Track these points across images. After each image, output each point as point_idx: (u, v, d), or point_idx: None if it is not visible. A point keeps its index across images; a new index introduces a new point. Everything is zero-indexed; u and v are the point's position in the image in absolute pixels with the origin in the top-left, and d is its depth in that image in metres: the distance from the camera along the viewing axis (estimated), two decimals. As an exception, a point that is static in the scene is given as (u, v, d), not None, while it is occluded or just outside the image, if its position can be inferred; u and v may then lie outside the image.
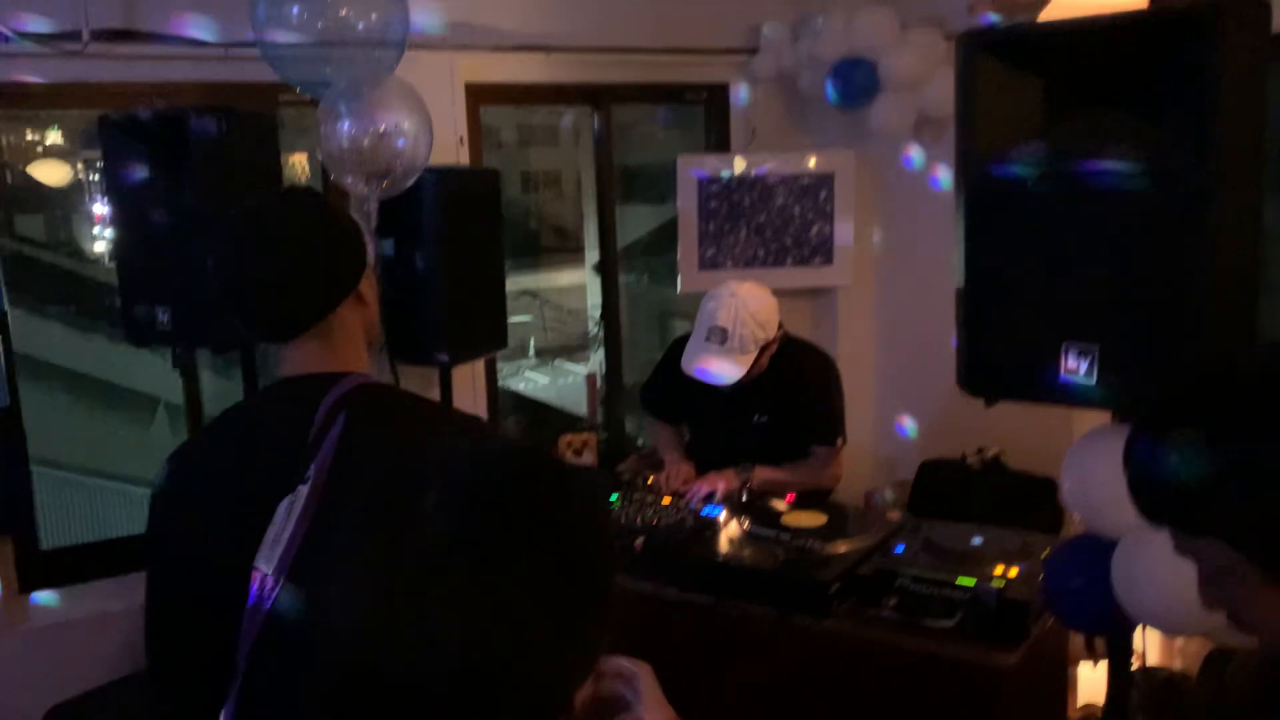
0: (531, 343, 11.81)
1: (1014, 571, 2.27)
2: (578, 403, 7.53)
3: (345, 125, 2.72)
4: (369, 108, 2.71)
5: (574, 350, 11.67)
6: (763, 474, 2.90)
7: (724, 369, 2.81)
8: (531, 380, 11.73)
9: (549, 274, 12.34)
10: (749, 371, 2.84)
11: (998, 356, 1.92)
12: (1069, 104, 1.80)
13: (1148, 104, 1.69)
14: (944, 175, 3.77)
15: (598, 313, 4.72)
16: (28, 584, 3.15)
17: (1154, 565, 1.75)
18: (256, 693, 1.27)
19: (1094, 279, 1.78)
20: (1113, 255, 1.75)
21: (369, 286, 1.56)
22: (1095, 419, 2.05)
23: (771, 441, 2.99)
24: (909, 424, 4.26)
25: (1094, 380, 1.77)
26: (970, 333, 1.94)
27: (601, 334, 4.69)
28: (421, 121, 2.80)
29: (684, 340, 3.21)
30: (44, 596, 3.17)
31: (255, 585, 1.27)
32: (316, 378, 1.45)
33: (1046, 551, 2.34)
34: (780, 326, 2.94)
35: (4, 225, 7.90)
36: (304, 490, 1.28)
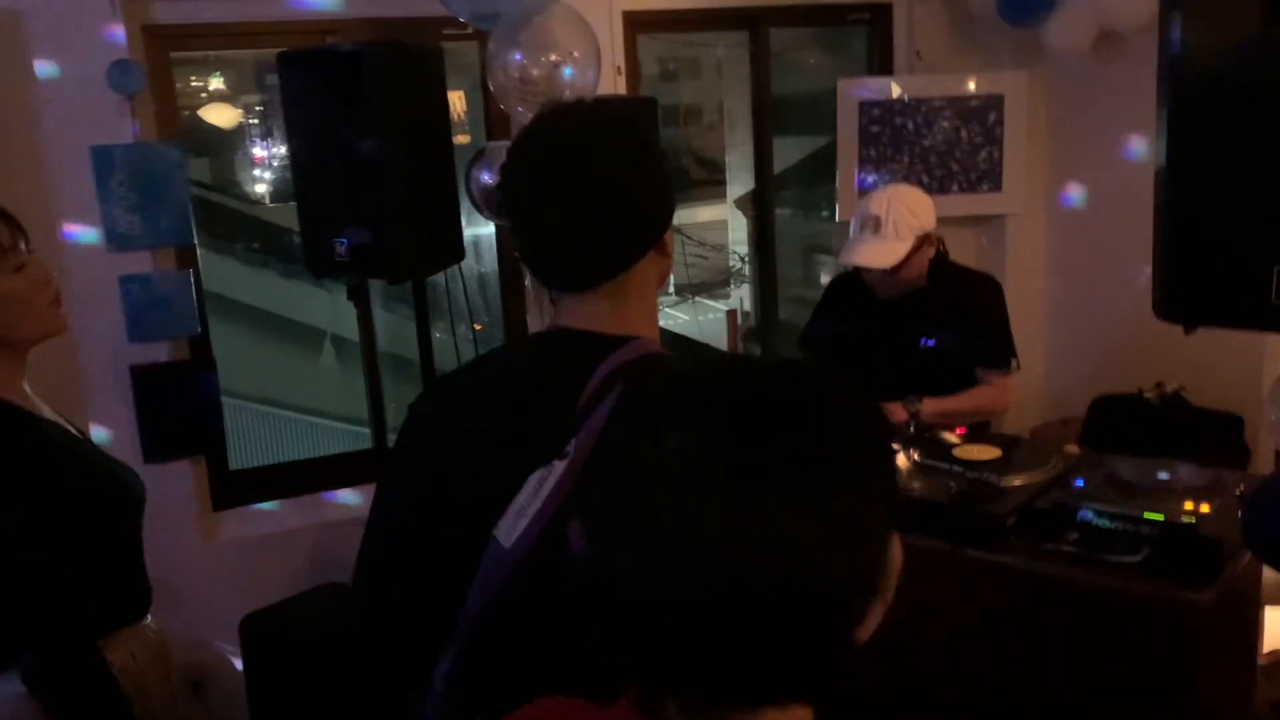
0: (671, 279, 11.80)
1: (1205, 507, 2.15)
2: (719, 341, 7.53)
3: (516, 55, 2.73)
4: (539, 37, 2.72)
5: (714, 287, 11.64)
6: (931, 405, 2.81)
7: (879, 255, 2.79)
8: (673, 316, 11.77)
9: (690, 209, 12.29)
10: (910, 280, 2.84)
11: (1200, 280, 1.81)
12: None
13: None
14: (1130, 93, 3.55)
15: (740, 248, 4.66)
16: (220, 502, 3.36)
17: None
18: (485, 662, 1.18)
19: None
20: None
21: (670, 234, 1.35)
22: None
23: (939, 367, 2.90)
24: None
25: (1313, 304, 1.65)
26: (1170, 254, 1.83)
27: (744, 270, 4.64)
28: (590, 50, 2.80)
29: (842, 278, 3.16)
30: (234, 514, 3.38)
31: (490, 553, 1.17)
32: (597, 338, 1.25)
33: (1242, 487, 2.22)
34: (941, 242, 2.92)
35: (179, 168, 8.32)
36: (559, 467, 1.14)
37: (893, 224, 2.78)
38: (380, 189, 2.64)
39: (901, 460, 2.53)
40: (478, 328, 3.63)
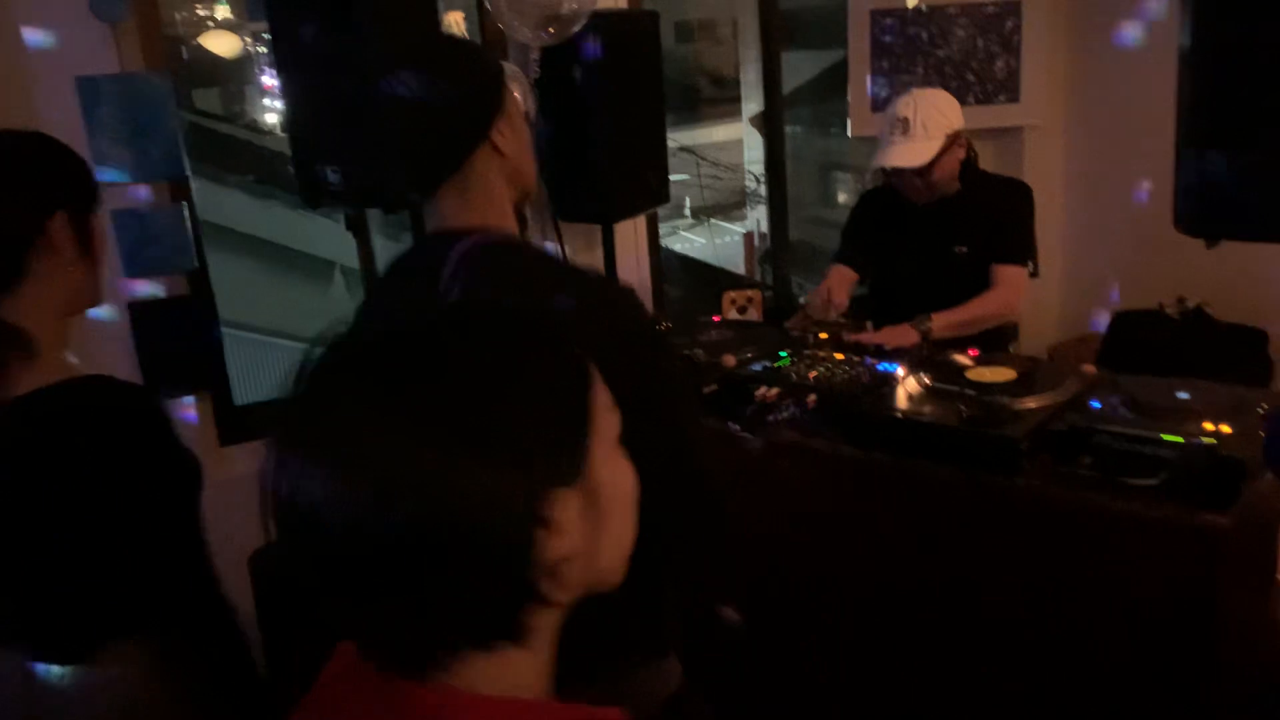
0: (687, 201, 11.65)
1: (1226, 428, 2.09)
2: (735, 263, 7.42)
3: (513, -33, 2.62)
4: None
5: (730, 209, 11.46)
6: (941, 319, 2.79)
7: (911, 155, 2.80)
8: (688, 240, 11.63)
9: (704, 129, 12.05)
10: (943, 182, 2.86)
11: (1223, 190, 1.71)
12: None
13: None
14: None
15: (755, 169, 4.57)
16: (226, 438, 3.34)
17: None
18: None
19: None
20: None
21: (508, 135, 1.51)
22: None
23: (972, 274, 2.87)
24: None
25: (1342, 214, 1.56)
26: (1192, 163, 1.73)
27: (760, 190, 4.54)
28: (591, -40, 2.68)
29: (873, 192, 3.13)
30: (240, 449, 3.36)
31: None
32: (447, 235, 1.45)
33: (1265, 407, 2.16)
34: (970, 147, 2.92)
35: (183, 99, 8.20)
36: None
37: (921, 124, 2.80)
38: (370, 116, 2.55)
39: (912, 384, 2.47)
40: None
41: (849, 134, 4.04)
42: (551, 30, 2.74)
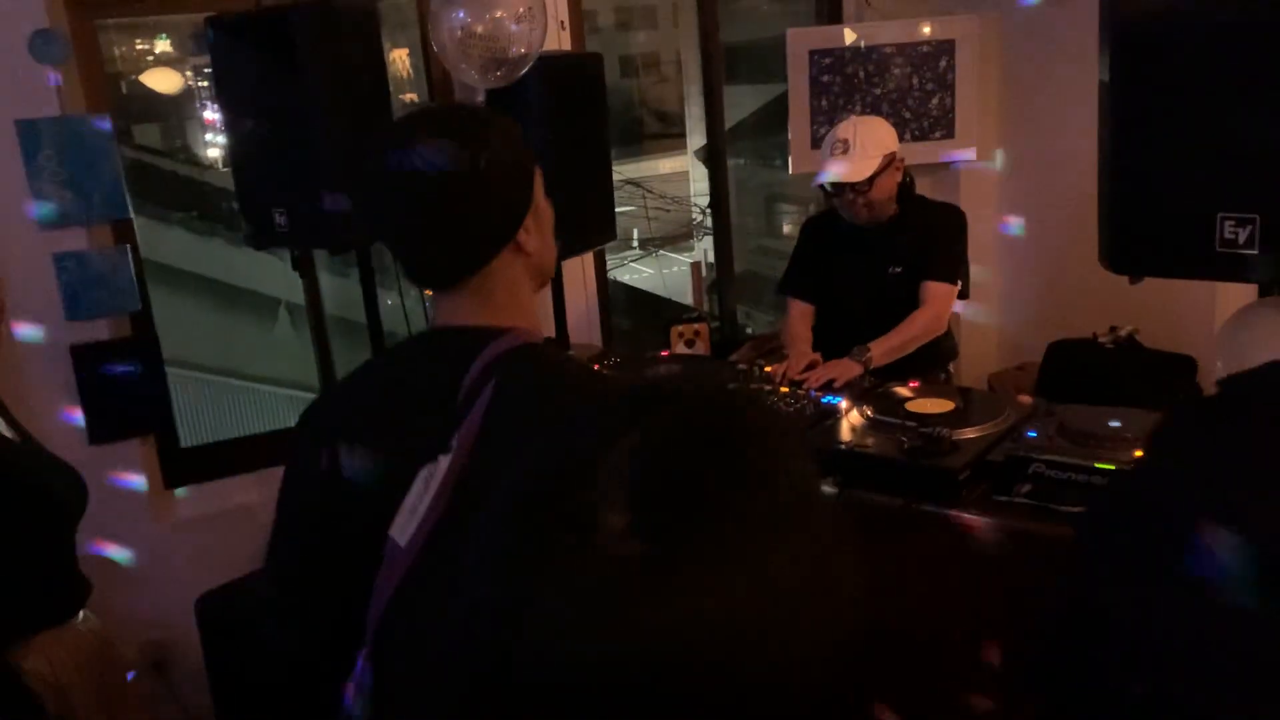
0: (635, 233, 11.74)
1: (1156, 455, 2.16)
2: (684, 293, 7.49)
3: (459, 13, 2.65)
4: (482, -8, 2.64)
5: (678, 239, 11.56)
6: (879, 347, 2.88)
7: (851, 171, 2.93)
8: (636, 271, 11.70)
9: (650, 161, 12.17)
10: (882, 203, 2.98)
11: (1144, 229, 1.79)
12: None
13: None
14: (1081, 36, 3.51)
15: (702, 200, 4.63)
16: (171, 480, 3.30)
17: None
18: (387, 666, 1.16)
19: (1254, 141, 1.63)
20: (1276, 113, 1.60)
21: (533, 229, 1.35)
22: (1240, 294, 1.91)
23: (906, 294, 2.98)
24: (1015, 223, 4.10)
25: (1255, 251, 1.64)
26: (1114, 203, 1.81)
27: (707, 221, 4.61)
28: (535, 5, 2.72)
29: (816, 218, 3.24)
30: (187, 492, 3.32)
31: (387, 554, 1.15)
32: (471, 331, 1.29)
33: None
34: (907, 173, 3.06)
35: (123, 135, 8.11)
36: (444, 462, 1.14)
37: (860, 144, 2.94)
38: (317, 156, 2.57)
39: (855, 416, 2.52)
40: (429, 293, 3.57)
41: (790, 171, 4.12)
42: (499, 73, 2.77)
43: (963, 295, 3.05)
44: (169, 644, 3.17)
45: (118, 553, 3.12)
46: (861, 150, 2.93)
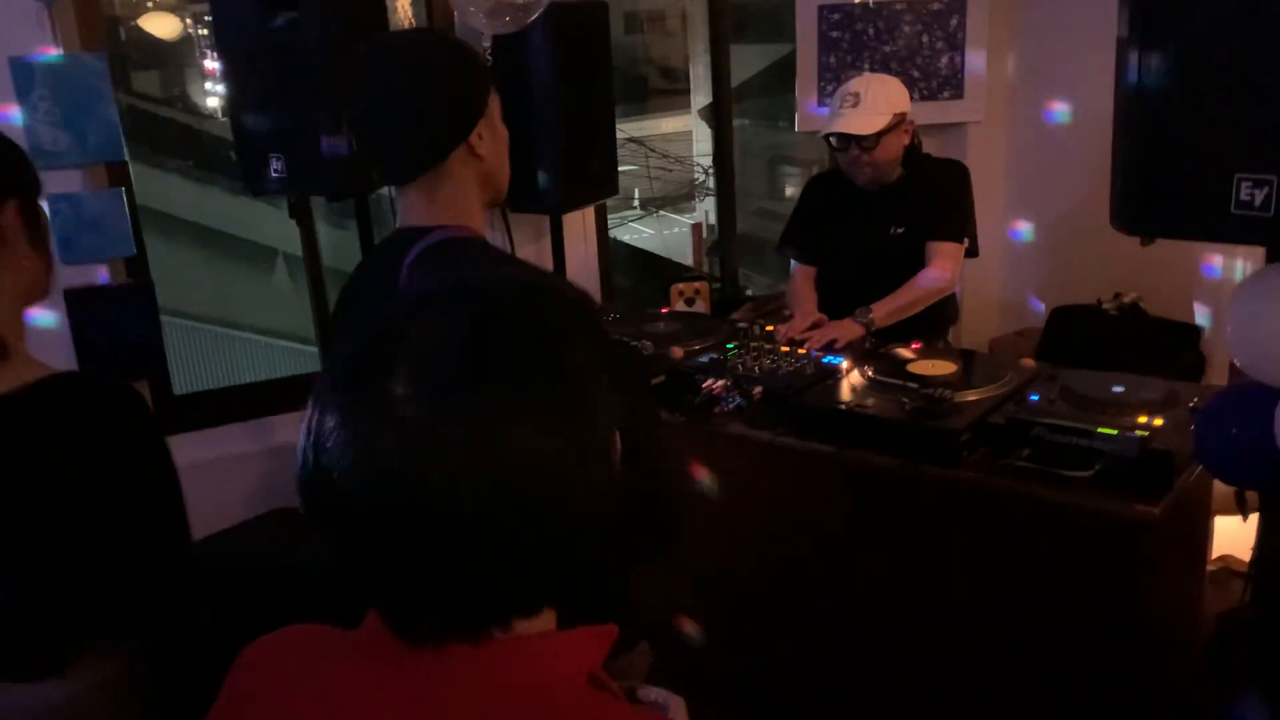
0: (636, 193, 11.64)
1: (1159, 421, 2.14)
2: (684, 254, 7.44)
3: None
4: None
5: (679, 200, 11.47)
6: (881, 309, 2.83)
7: (860, 124, 2.88)
8: (637, 231, 11.62)
9: (653, 120, 12.04)
10: (888, 163, 2.93)
11: (1159, 190, 1.75)
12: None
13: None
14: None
15: (704, 161, 4.58)
16: (166, 428, 3.27)
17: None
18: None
19: (1274, 100, 1.59)
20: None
21: (487, 139, 1.55)
22: (1250, 261, 1.88)
23: (908, 254, 2.93)
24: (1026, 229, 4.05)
25: (1271, 213, 1.60)
26: (1129, 164, 1.76)
27: (709, 182, 4.56)
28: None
29: (820, 177, 3.19)
30: (180, 439, 3.30)
31: None
32: (412, 231, 1.50)
33: (1195, 400, 2.21)
34: (915, 135, 3.00)
35: (121, 81, 8.01)
36: None
37: (871, 99, 2.89)
38: (314, 101, 2.53)
39: (856, 377, 2.50)
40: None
41: (796, 128, 4.06)
42: (508, 19, 2.71)
43: (971, 253, 2.98)
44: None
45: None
46: (872, 105, 2.87)
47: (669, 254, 8.64)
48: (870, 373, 2.48)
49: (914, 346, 2.66)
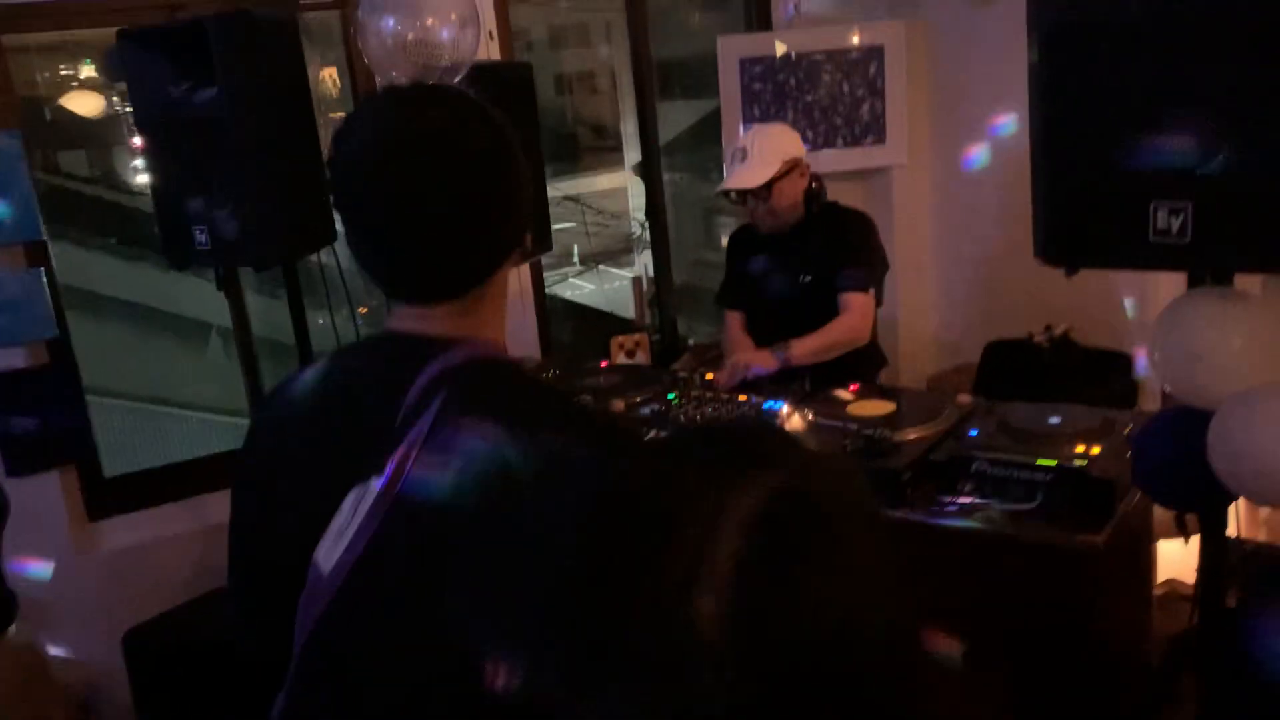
0: (575, 249, 11.67)
1: (1096, 449, 2.17)
2: (625, 307, 7.44)
3: (388, 21, 2.59)
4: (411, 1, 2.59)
5: (618, 254, 11.54)
6: (799, 346, 2.88)
7: (748, 177, 2.95)
8: (577, 287, 11.64)
9: (588, 178, 12.13)
10: (787, 210, 3.00)
11: (1078, 222, 1.78)
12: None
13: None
14: (1007, 37, 3.55)
15: (641, 214, 4.61)
16: (95, 512, 3.18)
17: (1254, 434, 1.64)
18: (307, 699, 1.08)
19: (1186, 126, 1.63)
20: (1207, 99, 1.60)
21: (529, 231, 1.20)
22: (1171, 287, 1.92)
23: (818, 302, 2.99)
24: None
25: (1188, 240, 1.64)
26: (1048, 196, 1.80)
27: (646, 235, 4.58)
28: (468, 10, 2.67)
29: (738, 231, 3.24)
30: (111, 523, 3.20)
31: (311, 579, 1.04)
32: (421, 342, 1.10)
33: (1130, 427, 2.24)
34: (816, 180, 3.07)
35: (46, 161, 7.89)
36: (376, 486, 1.00)
37: (758, 151, 2.97)
38: (237, 172, 2.49)
39: (797, 420, 2.50)
40: (363, 311, 3.48)
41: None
42: (430, 83, 2.71)
43: (878, 303, 3.05)
44: (95, 682, 3.04)
45: (39, 589, 2.98)
46: (760, 157, 2.96)
47: (611, 308, 8.64)
48: (811, 415, 2.48)
49: (852, 388, 2.67)
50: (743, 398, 2.72)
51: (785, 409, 2.57)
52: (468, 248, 1.11)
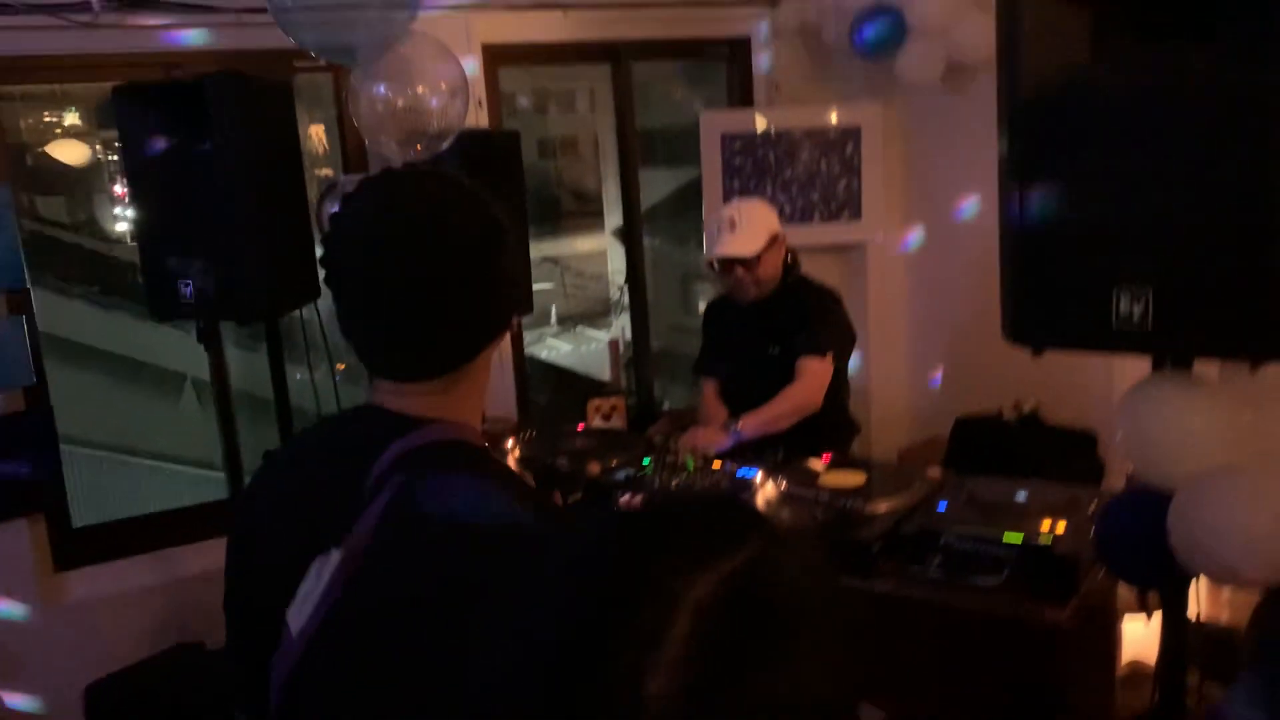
0: (553, 310, 11.73)
1: (1061, 526, 2.20)
2: (601, 370, 7.49)
3: (380, 88, 2.66)
4: (402, 67, 2.66)
5: (596, 317, 11.60)
6: (749, 420, 2.93)
7: (740, 246, 3.03)
8: (554, 348, 11.67)
9: (569, 240, 12.24)
10: (767, 280, 3.07)
11: (1045, 304, 1.84)
12: (1118, 32, 1.72)
13: (1202, 26, 1.60)
14: (980, 121, 3.67)
15: (619, 278, 4.67)
16: (63, 562, 3.15)
17: (1213, 515, 1.68)
18: None
19: (1146, 217, 1.70)
20: (1167, 189, 1.67)
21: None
22: (1137, 368, 1.98)
23: (785, 372, 3.04)
24: (940, 377, 4.19)
25: (1149, 325, 1.70)
26: (1015, 280, 1.86)
27: (624, 299, 4.64)
28: (458, 79, 2.75)
29: (714, 301, 3.28)
30: (79, 573, 3.17)
31: (284, 640, 1.07)
32: (390, 418, 1.14)
33: (1095, 505, 2.28)
34: (791, 254, 3.15)
35: (27, 207, 7.90)
36: (335, 557, 1.04)
37: (746, 221, 3.06)
38: (226, 226, 2.53)
39: (770, 489, 2.53)
40: (341, 367, 3.50)
41: (705, 252, 4.17)
42: (420, 146, 2.78)
43: (838, 374, 3.08)
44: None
45: (2, 638, 2.95)
46: (749, 227, 3.04)
47: (586, 370, 8.67)
48: (783, 485, 2.52)
49: (825, 459, 2.71)
50: (717, 465, 2.75)
51: (758, 477, 2.60)
52: (448, 334, 1.15)
